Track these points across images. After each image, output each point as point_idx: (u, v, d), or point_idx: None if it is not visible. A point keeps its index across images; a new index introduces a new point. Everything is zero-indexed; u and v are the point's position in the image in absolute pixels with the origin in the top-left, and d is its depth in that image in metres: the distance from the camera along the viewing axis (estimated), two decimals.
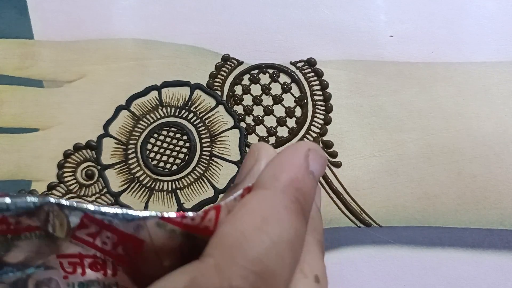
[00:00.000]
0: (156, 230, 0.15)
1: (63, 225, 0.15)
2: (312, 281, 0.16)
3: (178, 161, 0.32)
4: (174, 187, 0.31)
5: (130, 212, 0.15)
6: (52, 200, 0.14)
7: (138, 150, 0.32)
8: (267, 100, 0.33)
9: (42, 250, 0.15)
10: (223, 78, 0.34)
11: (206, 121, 0.33)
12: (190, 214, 0.15)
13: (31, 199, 0.14)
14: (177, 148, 0.32)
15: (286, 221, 0.14)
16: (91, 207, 0.15)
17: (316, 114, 0.33)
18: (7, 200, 0.14)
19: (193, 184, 0.31)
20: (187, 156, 0.32)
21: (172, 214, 0.15)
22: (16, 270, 0.15)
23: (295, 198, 0.15)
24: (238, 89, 0.34)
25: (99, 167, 0.32)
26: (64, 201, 0.15)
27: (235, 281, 0.13)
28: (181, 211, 0.15)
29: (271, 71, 0.34)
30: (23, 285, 0.15)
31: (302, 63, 0.34)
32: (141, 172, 0.31)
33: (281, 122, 0.33)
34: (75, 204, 0.15)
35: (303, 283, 0.15)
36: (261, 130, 0.33)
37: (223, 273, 0.13)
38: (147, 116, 0.33)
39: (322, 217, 0.30)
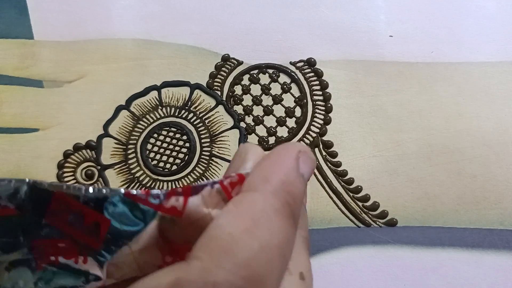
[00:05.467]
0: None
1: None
2: (297, 278, 0.16)
3: (178, 161, 0.32)
4: (174, 187, 0.31)
5: (93, 189, 0.15)
6: (27, 180, 0.15)
7: (138, 150, 0.32)
8: (267, 100, 0.33)
9: (19, 234, 0.15)
10: (223, 78, 0.34)
11: (206, 121, 0.33)
12: (155, 191, 0.15)
13: (8, 181, 0.14)
14: (177, 148, 0.32)
15: (276, 226, 0.14)
16: (63, 184, 0.15)
17: (316, 114, 0.33)
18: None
19: (193, 184, 0.31)
20: (187, 156, 0.32)
21: (138, 191, 0.15)
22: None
23: (286, 201, 0.15)
24: (238, 89, 0.34)
25: (99, 167, 0.32)
26: (43, 182, 0.15)
27: (221, 286, 0.13)
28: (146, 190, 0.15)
29: (271, 71, 0.34)
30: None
31: (302, 63, 0.34)
32: (141, 172, 0.31)
33: (281, 122, 0.33)
34: (55, 184, 0.15)
35: (288, 280, 0.15)
36: (261, 130, 0.33)
37: (209, 277, 0.13)
38: (147, 116, 0.33)
39: (322, 217, 0.30)
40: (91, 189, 0.15)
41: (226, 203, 0.15)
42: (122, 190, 0.15)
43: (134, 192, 0.15)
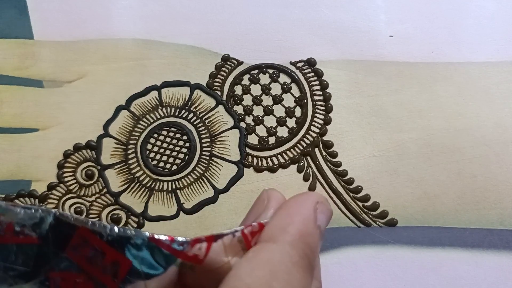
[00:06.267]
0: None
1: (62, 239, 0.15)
2: None
3: (178, 161, 0.32)
4: (174, 187, 0.31)
5: (118, 228, 0.15)
6: (53, 211, 0.15)
7: (138, 150, 0.32)
8: (267, 100, 0.33)
9: (38, 264, 0.15)
10: (223, 78, 0.34)
11: (206, 121, 0.33)
12: (180, 239, 0.15)
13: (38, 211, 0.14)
14: (177, 148, 0.32)
15: (294, 279, 0.14)
16: (89, 221, 0.15)
17: (316, 114, 0.33)
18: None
19: (193, 184, 0.31)
20: (187, 156, 0.32)
21: (163, 237, 0.15)
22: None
23: (304, 253, 0.15)
24: (238, 89, 0.34)
25: (99, 167, 0.32)
26: (68, 215, 0.15)
27: None
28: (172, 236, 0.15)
29: (271, 71, 0.34)
30: None
31: (302, 63, 0.34)
32: (141, 172, 0.31)
33: (281, 122, 0.33)
34: (80, 219, 0.15)
35: None
36: (261, 130, 0.33)
37: None
38: (147, 116, 0.33)
39: None
40: (116, 229, 0.15)
41: (245, 251, 0.15)
42: (147, 234, 0.15)
43: (158, 237, 0.15)
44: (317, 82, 0.34)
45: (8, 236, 0.14)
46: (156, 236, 0.15)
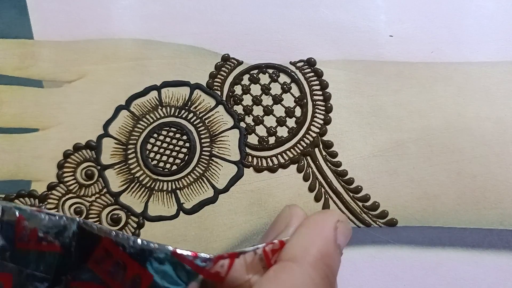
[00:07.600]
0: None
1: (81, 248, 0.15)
2: None
3: (178, 161, 0.32)
4: (174, 187, 0.31)
5: (141, 241, 0.14)
6: (77, 219, 0.14)
7: (138, 150, 0.32)
8: (267, 100, 0.33)
9: (60, 272, 0.15)
10: (222, 78, 0.34)
11: (206, 121, 0.33)
12: (203, 255, 0.15)
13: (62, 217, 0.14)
14: (177, 148, 0.32)
15: None
16: (112, 233, 0.14)
17: (316, 114, 0.33)
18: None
19: (193, 184, 0.31)
20: (187, 156, 0.32)
21: (186, 252, 0.15)
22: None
23: (325, 274, 0.15)
24: (238, 89, 0.34)
25: (98, 167, 0.32)
26: (92, 224, 0.15)
27: None
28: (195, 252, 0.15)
29: (271, 71, 0.34)
30: None
31: (302, 63, 0.34)
32: (141, 172, 0.31)
33: (281, 122, 0.33)
34: (104, 229, 0.15)
35: None
36: (261, 130, 0.33)
37: None
38: (147, 116, 0.33)
39: None
40: (139, 241, 0.14)
41: (265, 269, 0.15)
42: (170, 248, 0.14)
43: (181, 252, 0.14)
44: (317, 82, 0.34)
45: (33, 242, 0.14)
46: (179, 251, 0.14)
